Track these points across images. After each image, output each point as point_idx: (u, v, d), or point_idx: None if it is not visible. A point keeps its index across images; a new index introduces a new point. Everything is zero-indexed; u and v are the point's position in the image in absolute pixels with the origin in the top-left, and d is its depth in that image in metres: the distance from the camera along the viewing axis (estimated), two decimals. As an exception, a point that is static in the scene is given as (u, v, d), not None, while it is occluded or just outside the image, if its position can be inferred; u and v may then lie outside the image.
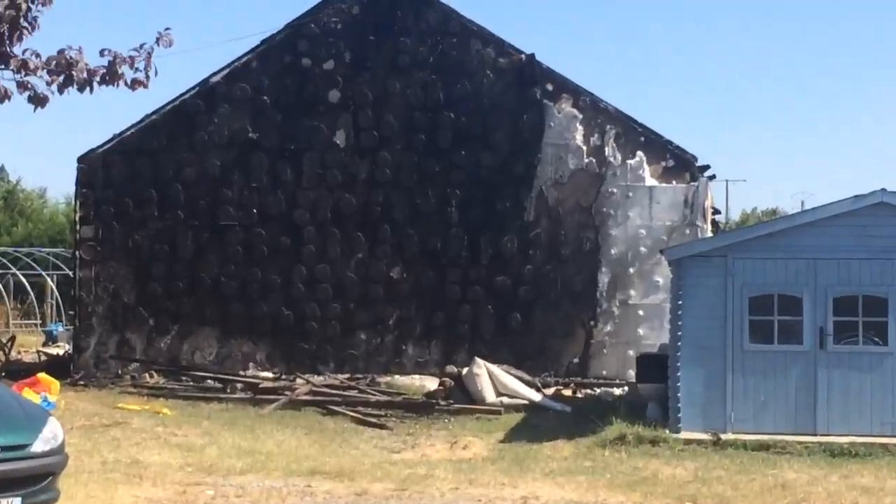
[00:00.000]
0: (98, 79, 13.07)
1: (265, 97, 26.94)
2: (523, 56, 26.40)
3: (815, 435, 18.51)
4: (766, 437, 18.41)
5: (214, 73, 27.19)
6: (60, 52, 13.21)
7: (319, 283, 26.59)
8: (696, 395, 18.91)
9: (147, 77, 13.19)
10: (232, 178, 26.91)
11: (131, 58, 13.18)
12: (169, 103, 27.22)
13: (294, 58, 26.94)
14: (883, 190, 18.77)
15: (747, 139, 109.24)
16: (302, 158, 26.76)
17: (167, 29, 13.20)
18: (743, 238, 19.70)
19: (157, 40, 13.21)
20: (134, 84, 13.12)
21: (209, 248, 26.96)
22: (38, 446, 12.50)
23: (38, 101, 13.21)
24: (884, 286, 18.71)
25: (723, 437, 18.53)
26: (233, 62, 27.20)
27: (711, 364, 18.95)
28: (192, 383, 25.92)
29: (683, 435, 18.65)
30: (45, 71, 13.17)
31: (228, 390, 25.01)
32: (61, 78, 13.11)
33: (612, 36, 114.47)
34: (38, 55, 13.32)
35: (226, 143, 26.98)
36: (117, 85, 13.05)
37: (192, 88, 27.22)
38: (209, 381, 25.93)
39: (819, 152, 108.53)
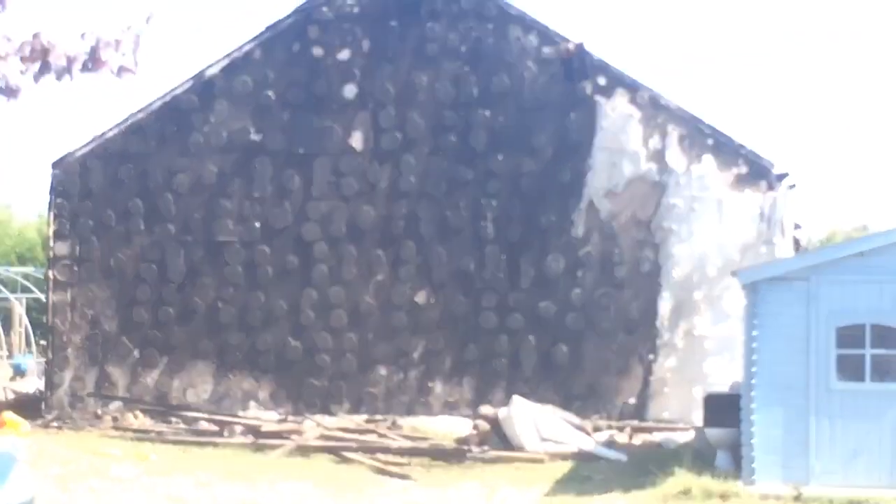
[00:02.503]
0: (79, 66, 13.09)
1: (270, 92, 26.99)
2: (571, 45, 26.36)
3: (917, 489, 18.42)
4: (857, 493, 18.26)
5: (211, 65, 27.26)
6: (35, 35, 13.23)
7: (333, 308, 26.60)
8: (773, 442, 18.80)
9: (135, 63, 13.20)
10: (231, 187, 26.97)
11: (116, 41, 13.19)
12: (158, 99, 27.28)
13: (304, 47, 27.00)
14: None
15: (834, 143, 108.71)
16: (312, 164, 26.80)
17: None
18: (829, 258, 19.58)
19: (148, 20, 13.22)
20: (120, 71, 13.12)
21: (204, 269, 27.00)
22: (2, 499, 12.50)
23: (9, 92, 13.23)
24: None
25: (805, 491, 18.38)
26: (232, 52, 27.27)
27: (792, 406, 18.84)
28: (183, 426, 25.89)
29: (759, 489, 18.53)
30: (16, 56, 13.19)
31: (226, 434, 24.99)
32: (37, 65, 13.13)
33: (673, 21, 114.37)
34: (8, 39, 13.35)
35: (224, 146, 27.03)
36: (100, 71, 13.06)
37: (186, 82, 27.28)
38: (203, 423, 25.89)
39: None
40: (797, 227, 28.53)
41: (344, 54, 26.90)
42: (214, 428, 25.51)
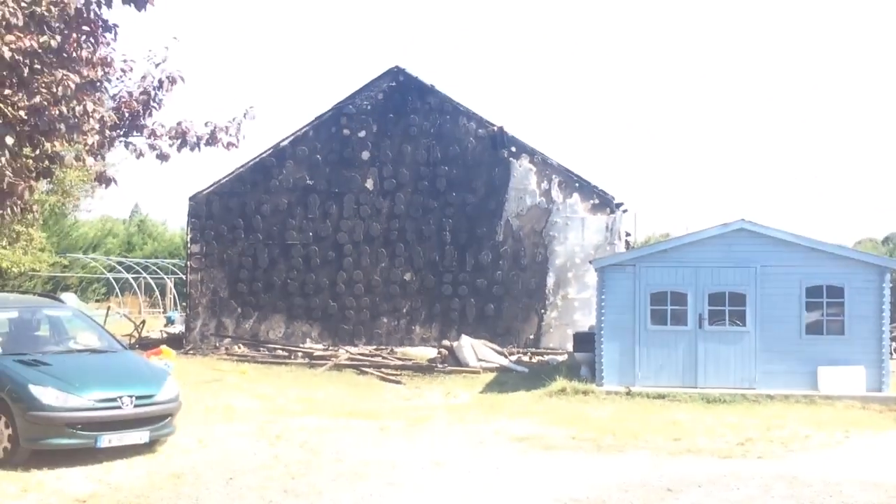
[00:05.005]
0: (203, 142, 13.11)
1: (318, 156, 26.92)
2: (495, 128, 26.42)
3: (696, 388, 18.52)
4: (662, 390, 18.43)
5: (284, 139, 27.16)
6: (178, 123, 13.24)
7: (355, 283, 26.55)
8: (614, 361, 18.94)
9: (238, 140, 13.24)
10: (295, 212, 26.87)
11: (227, 127, 13.23)
12: (252, 160, 27.18)
13: (338, 128, 26.94)
14: (742, 219, 18.87)
15: (654, 182, 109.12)
16: (343, 199, 26.73)
17: (251, 107, 13.26)
18: (647, 253, 19.71)
19: (245, 114, 13.25)
20: (228, 146, 13.17)
21: (279, 260, 26.89)
22: (160, 396, 12.58)
23: (163, 157, 13.25)
24: (743, 285, 18.75)
25: (633, 389, 18.55)
26: (296, 131, 27.18)
27: (625, 340, 18.98)
28: (267, 353, 25.86)
29: (605, 388, 18.68)
30: (167, 137, 13.21)
31: (292, 357, 24.97)
32: (178, 142, 13.15)
33: (556, 103, 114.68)
34: (162, 125, 13.35)
35: (291, 187, 26.93)
36: (217, 146, 13.10)
37: (268, 150, 27.17)
38: (279, 350, 25.85)
39: (698, 190, 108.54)
40: (627, 234, 28.65)
41: (362, 133, 26.83)
42: (285, 354, 25.49)
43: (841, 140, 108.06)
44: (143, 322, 30.55)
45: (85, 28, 12.11)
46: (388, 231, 26.50)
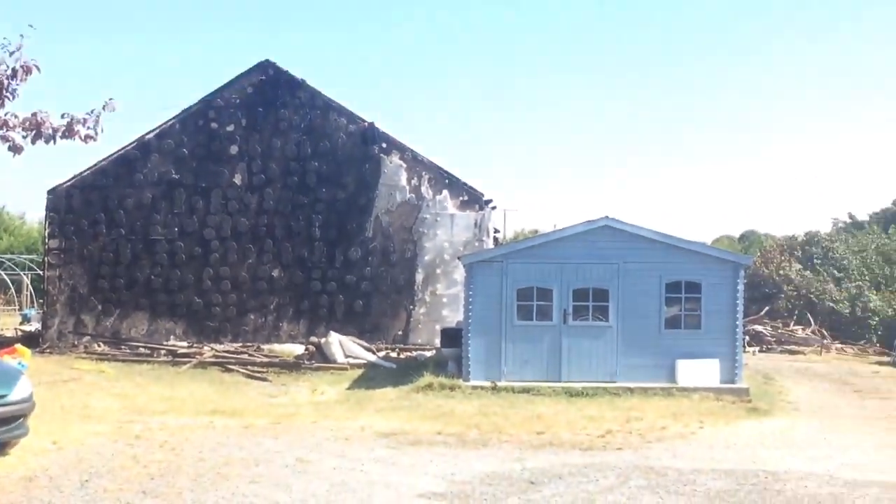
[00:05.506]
0: (60, 134, 12.65)
1: (184, 149, 26.37)
2: (366, 123, 26.42)
3: (560, 382, 18.89)
4: (527, 384, 18.74)
5: (149, 132, 26.52)
6: (33, 114, 12.74)
7: (222, 279, 26.14)
8: (480, 356, 19.11)
9: (96, 133, 12.80)
10: (160, 206, 26.27)
11: (84, 119, 12.80)
12: (115, 153, 26.45)
13: (206, 122, 26.46)
14: (606, 216, 19.33)
15: (524, 181, 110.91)
16: (210, 193, 26.27)
17: (111, 99, 12.86)
18: (514, 249, 19.97)
19: (104, 107, 12.84)
20: (86, 139, 12.73)
21: (142, 256, 26.26)
22: (13, 396, 12.15)
23: (15, 149, 12.74)
24: (606, 281, 19.21)
25: (498, 384, 18.79)
26: (162, 124, 26.58)
27: (491, 335, 19.16)
28: (128, 350, 25.22)
29: (472, 383, 18.87)
30: (20, 128, 12.71)
31: (154, 355, 24.41)
32: (33, 133, 12.66)
33: (432, 103, 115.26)
34: (16, 116, 12.84)
35: (156, 181, 26.31)
36: (74, 139, 12.66)
37: (132, 143, 26.49)
38: (141, 348, 25.24)
39: (565, 190, 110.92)
40: (496, 231, 29.07)
41: (230, 127, 26.44)
42: (148, 352, 24.91)
43: (705, 141, 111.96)
44: (-3, 320, 29.38)
45: (-69, 12, 11.54)
46: (257, 227, 26.18)
